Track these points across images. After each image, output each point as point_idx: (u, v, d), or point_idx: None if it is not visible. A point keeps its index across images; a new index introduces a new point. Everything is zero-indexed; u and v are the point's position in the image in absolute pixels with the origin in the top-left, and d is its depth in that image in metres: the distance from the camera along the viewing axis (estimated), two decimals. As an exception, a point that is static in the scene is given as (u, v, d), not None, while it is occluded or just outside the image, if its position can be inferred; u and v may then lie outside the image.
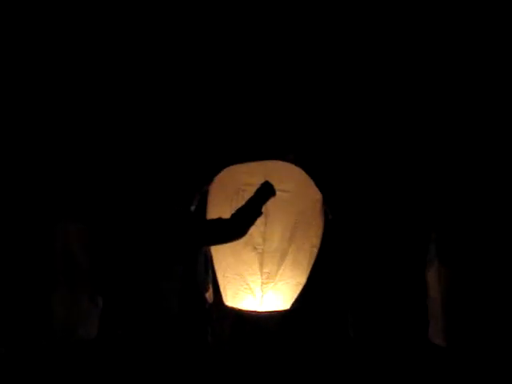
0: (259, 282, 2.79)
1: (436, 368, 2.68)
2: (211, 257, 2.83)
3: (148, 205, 2.62)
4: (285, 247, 2.81)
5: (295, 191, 2.87)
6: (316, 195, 3.01)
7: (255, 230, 2.73)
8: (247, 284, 2.81)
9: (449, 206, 2.78)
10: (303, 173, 2.99)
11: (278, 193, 2.75)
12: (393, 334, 2.76)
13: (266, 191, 2.69)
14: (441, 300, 2.65)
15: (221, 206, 2.87)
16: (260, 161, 2.94)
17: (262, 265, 2.78)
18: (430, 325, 2.71)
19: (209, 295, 2.72)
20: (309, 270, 3.00)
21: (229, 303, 2.89)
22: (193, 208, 2.86)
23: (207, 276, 2.72)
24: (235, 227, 2.58)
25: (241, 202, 2.63)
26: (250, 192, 2.66)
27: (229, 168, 2.98)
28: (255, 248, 2.77)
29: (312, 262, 3.03)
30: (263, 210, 2.67)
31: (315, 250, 3.02)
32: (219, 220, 2.64)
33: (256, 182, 2.69)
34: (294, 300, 2.95)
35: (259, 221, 2.71)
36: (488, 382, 2.55)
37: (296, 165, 3.12)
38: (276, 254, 2.79)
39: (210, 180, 2.97)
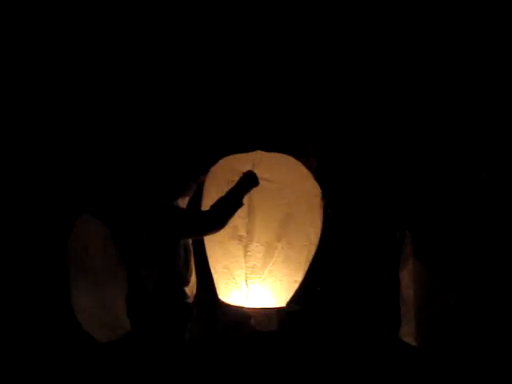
0: (243, 275, 2.69)
1: (407, 367, 2.63)
2: (193, 250, 2.76)
3: (136, 195, 2.64)
4: (272, 241, 2.67)
5: (285, 183, 2.70)
6: (314, 190, 2.85)
7: (240, 222, 2.63)
8: (234, 278, 2.71)
9: (423, 203, 2.66)
10: (301, 165, 2.85)
11: (263, 183, 2.65)
12: (364, 332, 2.81)
13: (248, 181, 2.59)
14: (414, 299, 2.57)
15: (214, 197, 2.81)
16: (255, 151, 2.84)
17: (245, 258, 2.68)
18: (401, 324, 2.65)
19: (189, 290, 2.62)
20: (306, 267, 2.85)
21: (221, 297, 2.83)
22: (187, 199, 2.84)
23: (187, 270, 2.62)
24: (214, 218, 2.52)
25: None
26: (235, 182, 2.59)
27: (224, 158, 2.91)
28: (240, 240, 2.67)
29: (310, 259, 2.88)
30: (247, 200, 2.60)
31: (313, 248, 2.86)
32: (198, 211, 2.59)
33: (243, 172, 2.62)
34: (289, 298, 2.84)
35: (244, 212, 2.63)
36: (461, 381, 2.51)
37: (312, 158, 3.01)
38: (261, 248, 2.65)
39: (205, 171, 2.93)
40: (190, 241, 2.66)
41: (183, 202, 2.81)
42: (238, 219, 2.62)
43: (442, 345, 2.53)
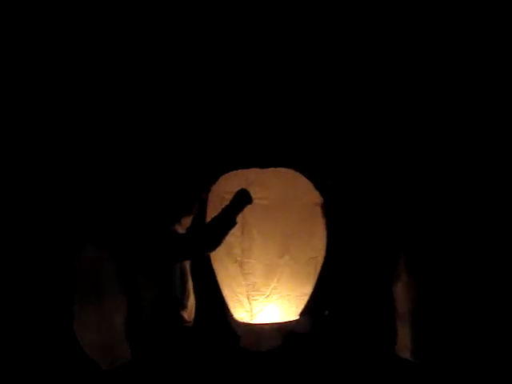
0: (245, 294, 2.67)
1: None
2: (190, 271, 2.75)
3: (132, 216, 2.65)
4: (272, 258, 2.61)
5: (283, 198, 2.64)
6: (315, 199, 2.76)
7: (235, 241, 2.60)
8: (237, 296, 2.70)
9: (417, 220, 2.57)
10: (300, 176, 2.77)
11: (257, 201, 2.59)
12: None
13: (240, 200, 2.55)
14: (409, 314, 2.50)
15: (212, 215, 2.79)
16: (251, 168, 2.79)
17: (243, 276, 2.64)
18: (397, 339, 2.58)
19: (187, 314, 2.60)
20: (315, 279, 2.78)
21: (233, 314, 2.82)
22: (190, 218, 2.83)
23: (184, 293, 2.59)
24: (207, 239, 2.50)
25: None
26: (228, 200, 2.56)
27: (225, 175, 2.87)
28: (236, 259, 2.65)
29: (318, 270, 2.80)
30: (240, 218, 2.56)
31: (321, 258, 2.78)
32: (191, 233, 2.58)
33: (236, 190, 2.58)
34: (299, 311, 2.80)
35: (238, 230, 2.60)
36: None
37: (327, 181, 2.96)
38: (259, 266, 2.60)
39: (207, 188, 2.91)
40: (188, 264, 2.66)
41: (187, 221, 2.80)
42: (233, 238, 2.59)
43: (439, 359, 2.46)
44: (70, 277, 2.61)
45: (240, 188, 2.56)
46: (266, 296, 2.65)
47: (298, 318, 2.79)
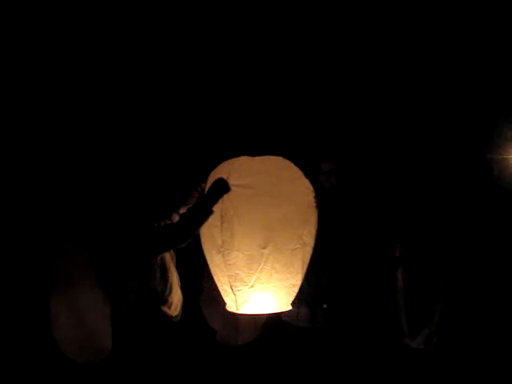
0: (229, 284, 2.63)
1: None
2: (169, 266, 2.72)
3: (117, 212, 2.64)
4: (254, 248, 2.55)
5: (267, 187, 2.56)
6: (305, 189, 2.66)
7: (216, 231, 2.56)
8: (222, 286, 2.67)
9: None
10: (292, 166, 2.68)
11: (239, 189, 2.54)
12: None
13: (217, 188, 2.50)
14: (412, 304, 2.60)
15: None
16: (239, 156, 2.71)
17: (226, 267, 2.60)
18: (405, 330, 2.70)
19: (171, 309, 2.58)
20: (304, 269, 2.71)
21: (226, 304, 2.80)
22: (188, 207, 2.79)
23: (164, 288, 2.57)
24: (183, 229, 2.47)
25: None
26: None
27: (222, 164, 2.80)
28: (219, 250, 2.60)
29: (307, 261, 2.72)
30: (220, 208, 2.50)
31: (309, 249, 2.70)
32: (167, 224, 2.56)
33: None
34: (289, 302, 2.74)
35: (218, 221, 2.55)
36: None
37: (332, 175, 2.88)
38: (240, 255, 2.53)
39: (205, 177, 2.86)
40: (170, 258, 2.64)
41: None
42: (215, 228, 2.56)
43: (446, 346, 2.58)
44: (44, 272, 2.65)
45: (218, 177, 2.50)
46: (250, 286, 2.59)
47: (288, 309, 2.73)
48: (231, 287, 2.61)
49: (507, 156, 2.74)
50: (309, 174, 2.75)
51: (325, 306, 3.04)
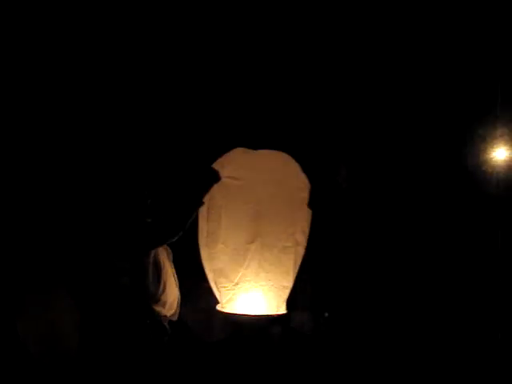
0: (213, 279, 2.51)
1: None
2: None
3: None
4: (240, 243, 2.43)
5: (259, 180, 2.44)
6: (300, 184, 2.54)
7: (202, 223, 2.48)
8: (210, 282, 2.56)
9: None
10: (289, 161, 2.56)
11: (228, 180, 2.44)
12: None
13: (207, 178, 2.41)
14: None
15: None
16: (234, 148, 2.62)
17: (210, 261, 2.48)
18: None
19: (164, 307, 2.50)
20: (294, 271, 2.55)
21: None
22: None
23: (157, 287, 2.48)
24: (174, 221, 2.40)
25: None
26: None
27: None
28: (206, 242, 2.50)
29: (299, 261, 2.57)
30: (208, 199, 2.42)
31: (301, 249, 2.55)
32: (156, 218, 2.49)
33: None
34: (279, 306, 2.58)
35: (205, 212, 2.46)
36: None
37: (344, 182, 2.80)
38: (225, 249, 2.43)
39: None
40: (163, 257, 2.57)
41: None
42: (202, 220, 2.47)
43: None
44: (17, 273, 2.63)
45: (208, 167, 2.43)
46: (235, 284, 2.47)
47: (280, 313, 2.57)
48: (215, 283, 2.49)
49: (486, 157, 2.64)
50: (315, 171, 2.64)
51: (326, 314, 2.88)
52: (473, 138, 2.73)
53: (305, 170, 2.61)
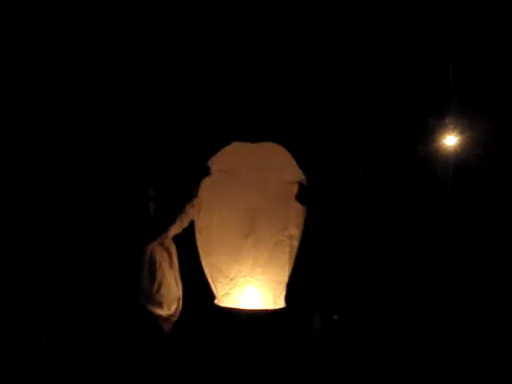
0: (209, 275, 2.54)
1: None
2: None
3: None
4: (234, 238, 2.47)
5: (254, 173, 2.47)
6: (293, 177, 2.56)
7: (199, 221, 2.48)
8: (204, 275, 2.59)
9: None
10: (284, 155, 2.59)
11: (220, 174, 2.46)
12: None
13: (198, 171, 2.44)
14: None
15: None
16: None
17: (204, 256, 2.51)
18: None
19: (161, 307, 2.47)
20: (290, 265, 2.56)
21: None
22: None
23: (152, 286, 2.47)
24: (164, 215, 2.43)
25: None
26: None
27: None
28: (199, 238, 2.52)
29: (293, 255, 2.57)
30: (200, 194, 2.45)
31: (295, 243, 2.57)
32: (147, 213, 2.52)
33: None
34: (276, 300, 2.60)
35: (197, 207, 2.48)
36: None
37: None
38: (217, 245, 2.44)
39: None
40: (159, 256, 2.59)
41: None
42: (197, 217, 2.49)
43: None
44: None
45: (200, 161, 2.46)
46: (230, 279, 2.50)
47: (278, 307, 2.58)
48: (212, 278, 2.52)
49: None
50: (313, 165, 2.66)
51: (335, 317, 2.86)
52: (423, 126, 2.77)
53: (302, 164, 2.62)
